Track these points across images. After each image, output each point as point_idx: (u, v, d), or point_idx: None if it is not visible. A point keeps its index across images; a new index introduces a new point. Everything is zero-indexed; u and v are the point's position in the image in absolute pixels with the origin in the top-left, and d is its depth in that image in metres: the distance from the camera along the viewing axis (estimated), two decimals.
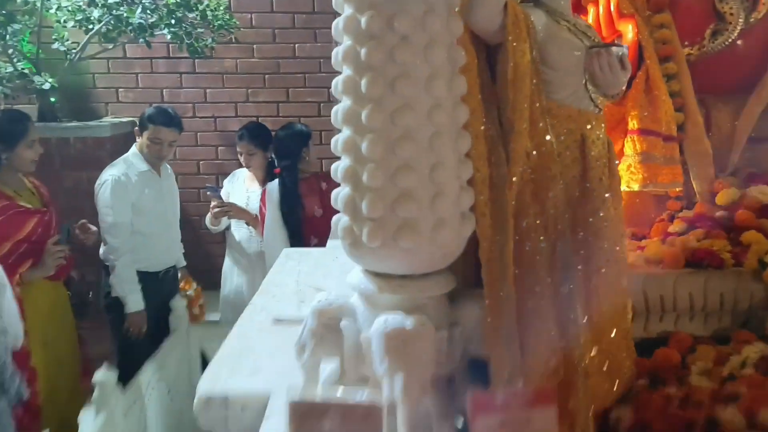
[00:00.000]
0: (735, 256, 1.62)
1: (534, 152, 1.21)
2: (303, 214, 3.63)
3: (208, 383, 1.63)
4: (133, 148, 3.10)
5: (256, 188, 3.82)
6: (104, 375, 2.57)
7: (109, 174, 2.96)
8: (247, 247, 3.75)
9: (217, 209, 3.53)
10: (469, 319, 1.18)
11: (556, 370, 1.23)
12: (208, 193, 3.58)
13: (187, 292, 3.56)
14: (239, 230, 3.72)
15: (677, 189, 1.78)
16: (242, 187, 3.82)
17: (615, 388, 1.34)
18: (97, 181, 2.98)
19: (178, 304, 3.45)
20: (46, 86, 3.50)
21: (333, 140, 1.19)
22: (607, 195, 1.26)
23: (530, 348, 1.19)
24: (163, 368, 3.19)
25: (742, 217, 1.65)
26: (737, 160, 1.82)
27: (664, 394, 1.44)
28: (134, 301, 3.06)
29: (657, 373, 1.56)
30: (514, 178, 1.17)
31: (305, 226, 3.63)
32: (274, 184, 3.64)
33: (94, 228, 2.91)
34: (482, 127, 1.17)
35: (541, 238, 1.19)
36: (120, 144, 4.23)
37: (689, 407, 1.40)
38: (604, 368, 1.31)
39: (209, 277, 3.85)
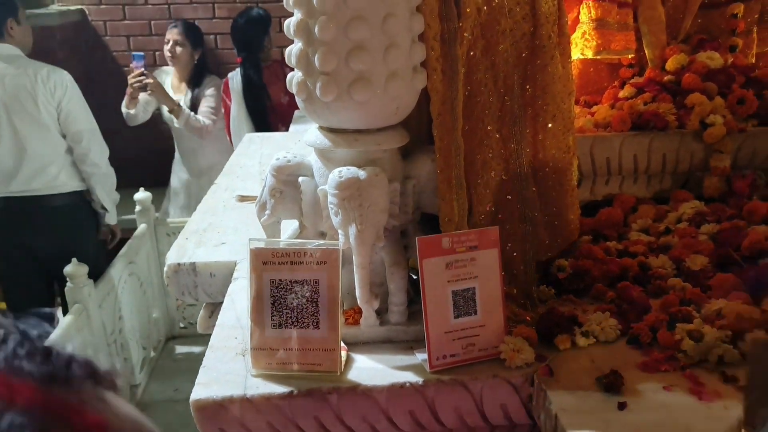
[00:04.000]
0: (679, 118, 1.69)
1: (485, 8, 1.22)
2: (269, 103, 3.59)
3: (177, 253, 1.69)
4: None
5: (180, 96, 3.59)
6: (75, 267, 2.62)
7: (67, 74, 2.83)
8: (179, 138, 3.65)
9: (134, 80, 3.29)
10: (422, 172, 1.24)
11: (502, 220, 1.31)
12: (133, 63, 3.29)
13: None
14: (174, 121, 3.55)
15: (630, 56, 1.81)
16: (168, 89, 3.61)
17: (558, 240, 1.44)
18: (58, 79, 2.80)
19: (144, 197, 3.46)
20: None
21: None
22: (556, 52, 1.29)
23: (478, 198, 1.27)
24: (133, 263, 3.26)
25: (688, 80, 1.71)
26: (689, 27, 1.84)
27: (603, 247, 1.56)
28: (115, 213, 3.11)
29: (600, 230, 1.67)
30: (465, 34, 1.19)
31: (272, 115, 3.60)
32: (236, 74, 3.55)
33: None
34: None
35: (490, 92, 1.23)
36: (69, 33, 4.05)
37: (626, 257, 1.52)
38: (547, 219, 1.39)
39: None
